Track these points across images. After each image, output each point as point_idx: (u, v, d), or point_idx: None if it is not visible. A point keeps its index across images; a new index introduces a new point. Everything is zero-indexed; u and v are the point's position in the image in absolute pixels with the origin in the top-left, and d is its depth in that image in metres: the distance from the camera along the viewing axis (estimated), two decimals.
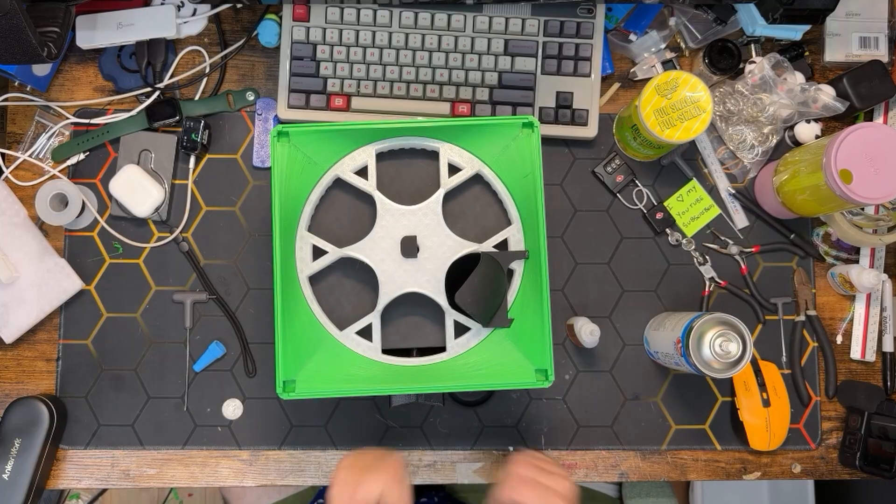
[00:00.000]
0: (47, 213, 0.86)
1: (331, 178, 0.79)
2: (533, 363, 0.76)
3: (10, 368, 0.89)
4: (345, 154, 0.78)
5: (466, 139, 0.78)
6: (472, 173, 0.79)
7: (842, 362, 0.92)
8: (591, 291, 0.91)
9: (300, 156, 0.77)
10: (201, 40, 0.93)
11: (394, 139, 0.78)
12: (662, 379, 0.91)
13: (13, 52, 0.75)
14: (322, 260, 0.78)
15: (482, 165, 0.78)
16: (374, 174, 0.78)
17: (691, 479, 0.90)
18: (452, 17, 0.88)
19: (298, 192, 0.78)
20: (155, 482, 0.88)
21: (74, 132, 0.91)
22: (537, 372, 0.75)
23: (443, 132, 0.78)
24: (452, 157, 0.78)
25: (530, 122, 0.76)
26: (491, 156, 0.78)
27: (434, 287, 0.76)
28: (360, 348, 0.77)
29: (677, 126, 0.82)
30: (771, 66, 0.88)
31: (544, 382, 0.74)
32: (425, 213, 0.77)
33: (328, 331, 0.77)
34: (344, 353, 0.77)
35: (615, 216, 0.92)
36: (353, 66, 0.89)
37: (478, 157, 0.78)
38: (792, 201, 0.86)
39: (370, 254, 0.77)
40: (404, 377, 0.76)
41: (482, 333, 0.77)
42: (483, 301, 0.74)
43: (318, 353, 0.77)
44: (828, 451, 0.91)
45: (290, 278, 0.77)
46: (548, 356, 0.74)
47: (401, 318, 0.79)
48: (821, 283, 0.93)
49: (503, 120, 0.76)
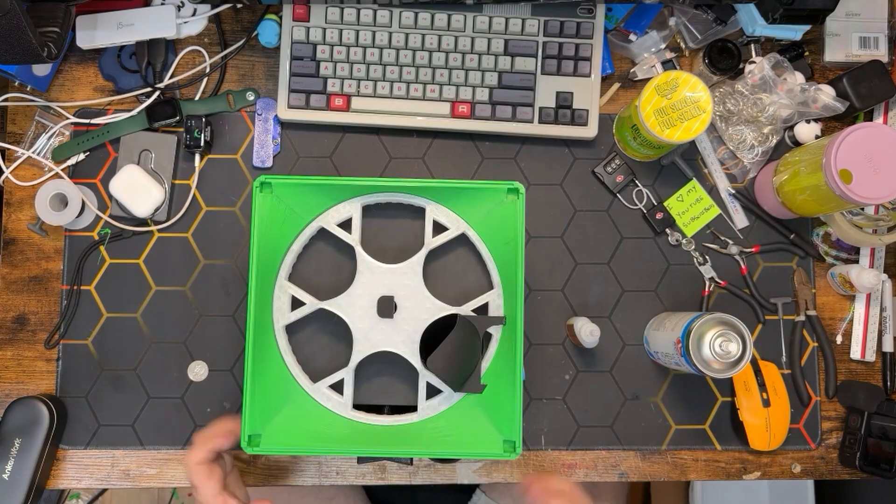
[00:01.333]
0: (47, 213, 0.86)
1: (314, 229, 0.78)
2: (501, 433, 0.74)
3: (10, 368, 0.89)
4: (330, 206, 0.78)
5: (453, 200, 0.77)
6: (457, 234, 0.78)
7: (842, 362, 0.92)
8: (591, 291, 0.91)
9: (283, 206, 0.76)
10: (201, 40, 0.93)
11: (381, 195, 0.78)
12: (662, 379, 0.91)
13: (13, 52, 0.75)
14: (299, 311, 0.77)
15: (467, 227, 0.77)
16: (359, 229, 0.78)
17: (691, 479, 0.90)
18: (452, 17, 0.88)
19: (280, 241, 0.77)
20: (155, 482, 0.88)
21: (74, 132, 0.91)
22: (505, 443, 0.73)
23: (430, 191, 0.77)
24: (438, 216, 0.78)
25: (515, 189, 0.75)
26: (476, 218, 0.77)
27: (409, 347, 0.76)
28: (330, 403, 0.76)
29: (677, 126, 0.82)
30: (771, 66, 0.88)
31: (511, 454, 0.72)
32: (406, 272, 0.76)
33: (300, 384, 0.76)
34: (314, 408, 0.76)
35: (615, 216, 0.92)
36: (353, 66, 0.89)
37: (463, 219, 0.78)
38: (792, 201, 0.86)
39: (347, 310, 0.76)
40: (373, 437, 0.75)
41: (454, 397, 0.76)
42: (456, 365, 0.73)
43: (288, 406, 0.75)
44: (828, 451, 0.91)
45: (265, 328, 0.76)
46: (517, 427, 0.72)
47: (375, 375, 0.78)
48: (821, 283, 0.93)
49: (489, 185, 0.76)
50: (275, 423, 0.74)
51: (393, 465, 0.89)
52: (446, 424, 0.75)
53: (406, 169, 0.92)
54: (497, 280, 0.77)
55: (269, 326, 0.76)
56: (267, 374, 0.75)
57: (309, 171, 0.91)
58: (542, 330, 0.90)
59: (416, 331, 0.75)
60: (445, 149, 0.92)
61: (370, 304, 0.76)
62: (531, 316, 0.90)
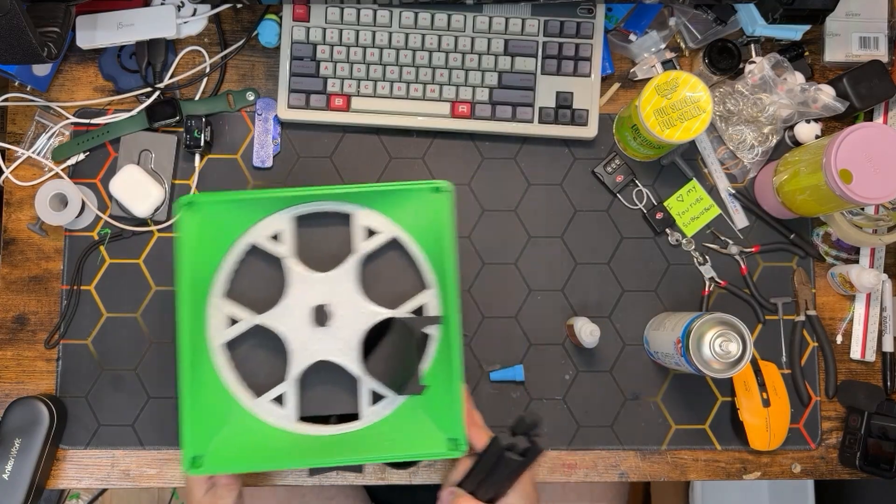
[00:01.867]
0: (47, 213, 0.86)
1: (246, 245, 0.77)
2: (444, 432, 0.73)
3: (10, 368, 0.89)
4: (259, 219, 0.77)
5: (382, 203, 0.76)
6: (388, 238, 0.77)
7: (842, 362, 0.92)
8: (591, 291, 0.91)
9: (211, 224, 0.75)
10: (201, 40, 0.93)
11: (308, 204, 0.76)
12: (662, 379, 0.91)
13: (13, 52, 0.75)
14: (235, 328, 0.76)
15: (398, 229, 0.76)
16: (290, 241, 0.76)
17: (691, 478, 0.90)
18: (452, 17, 0.88)
19: (211, 259, 0.76)
20: (155, 482, 0.88)
21: (74, 132, 0.91)
22: (449, 441, 0.72)
23: (358, 197, 0.76)
24: (368, 221, 0.76)
25: (438, 187, 0.74)
26: (406, 220, 0.76)
27: (347, 355, 0.74)
28: (272, 417, 0.75)
29: (677, 126, 0.82)
30: (771, 66, 0.88)
31: (455, 452, 0.71)
32: (338, 279, 0.75)
33: (240, 401, 0.75)
34: (257, 424, 0.75)
35: (615, 216, 0.92)
36: (353, 66, 0.89)
37: (394, 222, 0.76)
38: (792, 201, 0.86)
39: (281, 322, 0.75)
40: (319, 447, 0.73)
41: (397, 401, 0.75)
42: (395, 369, 0.72)
43: (230, 424, 0.74)
44: (828, 450, 0.91)
45: (200, 347, 0.74)
46: (459, 424, 0.71)
47: (320, 384, 0.77)
48: (821, 283, 0.93)
49: (413, 185, 0.74)
50: (217, 443, 0.73)
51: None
52: (391, 428, 0.74)
53: (406, 169, 0.92)
54: (432, 280, 0.76)
55: (205, 346, 0.75)
56: (205, 394, 0.74)
57: (309, 171, 0.91)
58: (542, 330, 0.90)
59: (354, 337, 0.74)
60: (445, 149, 0.92)
61: (305, 314, 0.74)
62: (531, 316, 0.90)
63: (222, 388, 0.75)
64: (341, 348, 0.74)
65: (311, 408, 0.77)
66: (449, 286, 0.73)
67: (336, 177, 0.92)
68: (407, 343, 0.73)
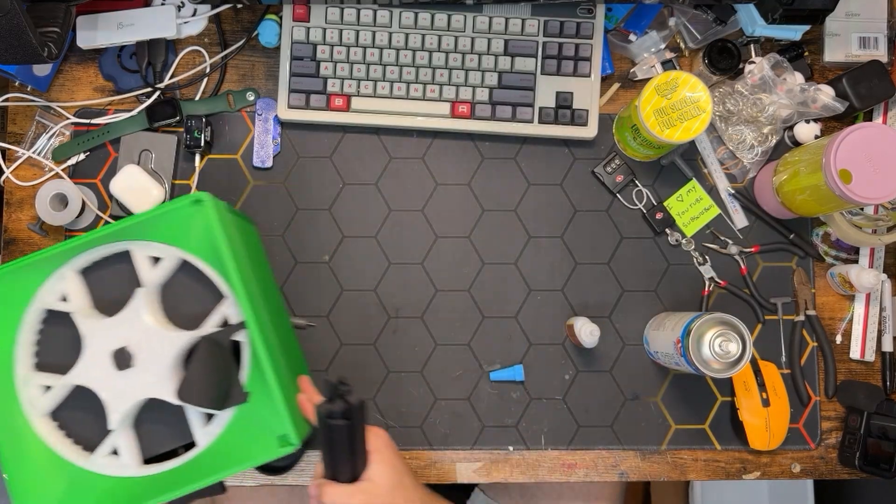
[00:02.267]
0: (47, 213, 0.86)
1: (38, 311, 0.75)
2: (274, 431, 0.72)
3: None
4: (42, 282, 0.75)
5: (153, 232, 0.75)
6: (174, 263, 0.75)
7: (841, 362, 0.92)
8: (591, 291, 0.91)
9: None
10: (201, 40, 0.93)
11: (85, 254, 0.75)
12: (662, 379, 0.91)
13: (13, 52, 0.75)
14: (49, 396, 0.74)
15: (178, 251, 0.75)
16: (77, 295, 0.75)
17: (691, 478, 0.90)
18: (452, 17, 0.89)
19: (5, 336, 0.75)
20: None
21: (75, 132, 0.91)
22: (280, 438, 0.72)
23: (126, 232, 0.74)
24: (148, 252, 0.75)
25: (198, 199, 0.73)
26: (182, 240, 0.75)
27: (164, 387, 0.73)
28: (112, 469, 0.74)
29: (677, 126, 0.82)
30: (770, 66, 0.88)
31: (288, 448, 0.71)
32: (131, 317, 0.74)
33: (77, 463, 0.74)
34: (98, 480, 0.74)
35: (615, 216, 0.92)
36: (353, 66, 0.89)
37: (171, 245, 0.75)
38: (791, 201, 0.86)
39: (87, 376, 0.73)
40: (168, 482, 0.73)
41: (225, 415, 0.74)
42: (213, 386, 0.71)
43: (72, 488, 0.74)
44: (827, 450, 0.91)
45: (18, 423, 0.74)
46: (285, 420, 0.71)
47: (155, 423, 0.76)
48: (820, 282, 0.93)
49: (172, 204, 0.73)
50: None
51: None
52: (228, 443, 0.73)
53: (406, 169, 0.92)
54: (226, 290, 0.74)
55: (20, 424, 0.74)
56: (33, 468, 0.73)
57: (309, 171, 0.92)
58: (542, 330, 0.91)
59: (165, 369, 0.73)
60: (445, 149, 0.93)
61: (108, 361, 0.73)
62: (531, 316, 0.90)
63: (54, 457, 0.74)
64: (155, 383, 0.73)
65: (154, 447, 0.76)
66: (239, 291, 0.72)
67: (336, 177, 0.92)
68: (218, 357, 0.72)
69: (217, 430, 0.73)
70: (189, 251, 0.74)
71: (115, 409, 0.73)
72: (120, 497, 0.73)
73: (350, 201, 0.92)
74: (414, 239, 0.92)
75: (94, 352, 0.74)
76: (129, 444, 0.75)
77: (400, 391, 0.90)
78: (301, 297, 0.90)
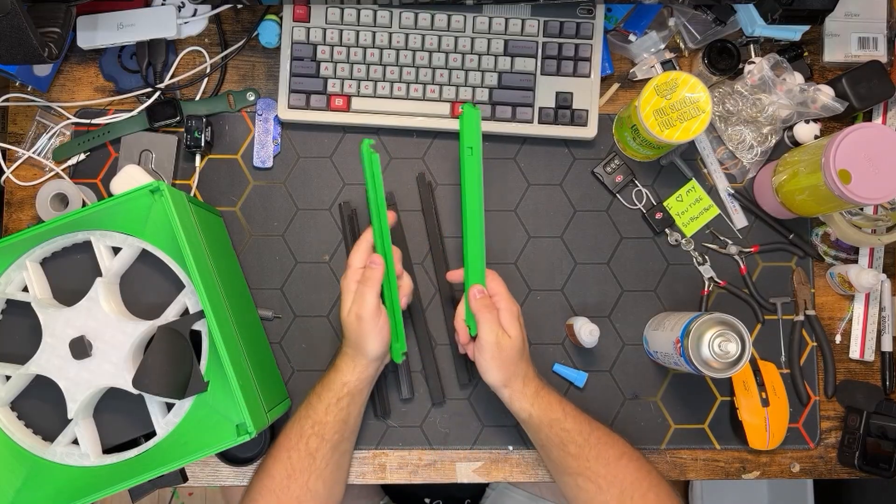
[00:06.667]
0: (48, 213, 0.87)
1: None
2: (232, 419, 0.73)
3: None
4: (2, 272, 0.76)
5: (112, 221, 0.75)
6: (133, 252, 0.76)
7: (841, 362, 0.92)
8: (590, 291, 0.92)
9: None
10: (202, 41, 0.93)
11: (45, 244, 0.75)
12: (662, 379, 0.91)
13: (14, 52, 0.75)
14: (8, 386, 0.75)
15: (137, 241, 0.75)
16: (37, 285, 0.75)
17: (690, 478, 0.91)
18: (452, 17, 0.89)
19: None
20: None
21: (75, 132, 0.91)
22: (238, 427, 0.73)
23: (88, 221, 0.75)
24: (107, 241, 0.75)
25: (156, 187, 0.73)
26: (141, 229, 0.75)
27: (122, 377, 0.73)
28: (72, 459, 0.74)
29: (677, 126, 0.82)
30: (770, 66, 0.88)
31: (246, 435, 0.71)
32: (90, 307, 0.74)
33: (37, 453, 0.74)
34: (59, 470, 0.74)
35: (615, 216, 0.93)
36: (353, 66, 0.89)
37: (130, 234, 0.75)
38: (791, 201, 0.86)
39: (48, 365, 0.74)
40: (128, 470, 0.73)
41: (185, 404, 0.74)
42: (170, 375, 0.71)
43: (31, 478, 0.74)
44: (827, 450, 0.91)
45: None
46: (242, 409, 0.71)
47: (116, 413, 0.76)
48: (820, 282, 0.93)
49: (129, 193, 0.73)
50: (19, 499, 0.74)
51: (392, 464, 0.89)
52: (187, 431, 0.74)
53: (406, 169, 0.92)
54: (185, 279, 0.75)
55: None
56: None
57: (309, 171, 0.92)
58: (542, 330, 0.91)
59: (122, 358, 0.73)
60: (445, 149, 0.93)
61: (67, 351, 0.74)
62: (531, 315, 0.91)
63: (13, 447, 0.74)
64: (114, 372, 0.73)
65: (114, 436, 0.76)
66: (196, 280, 0.72)
67: (336, 177, 0.92)
68: (176, 347, 0.72)
69: (176, 420, 0.74)
70: (148, 240, 0.75)
71: (74, 398, 0.74)
72: (79, 486, 0.74)
73: (350, 201, 0.92)
74: (416, 239, 0.92)
75: (53, 341, 0.74)
76: (89, 433, 0.75)
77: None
78: (301, 297, 0.90)
